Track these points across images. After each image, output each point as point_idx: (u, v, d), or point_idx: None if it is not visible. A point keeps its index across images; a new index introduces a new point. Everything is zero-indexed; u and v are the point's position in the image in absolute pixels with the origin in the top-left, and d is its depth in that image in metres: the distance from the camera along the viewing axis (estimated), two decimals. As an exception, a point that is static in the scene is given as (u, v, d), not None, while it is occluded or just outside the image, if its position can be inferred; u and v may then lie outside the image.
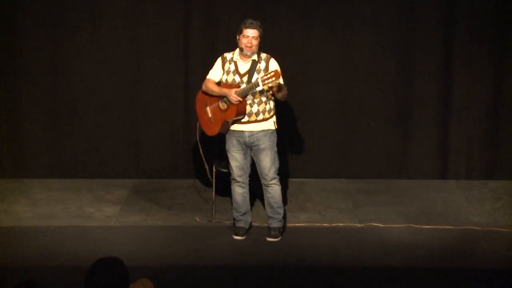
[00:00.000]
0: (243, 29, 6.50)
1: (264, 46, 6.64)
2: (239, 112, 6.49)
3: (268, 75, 6.27)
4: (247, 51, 6.49)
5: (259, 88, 6.38)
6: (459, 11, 8.00)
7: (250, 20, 6.51)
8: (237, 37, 6.54)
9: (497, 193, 7.93)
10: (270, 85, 6.31)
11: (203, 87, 6.67)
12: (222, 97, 6.53)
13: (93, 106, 8.16)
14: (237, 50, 6.58)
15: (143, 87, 8.16)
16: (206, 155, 7.07)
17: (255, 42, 6.48)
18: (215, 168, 7.16)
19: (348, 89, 8.19)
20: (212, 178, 7.14)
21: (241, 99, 6.43)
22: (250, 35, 6.47)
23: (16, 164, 8.22)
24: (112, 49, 8.07)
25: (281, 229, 6.78)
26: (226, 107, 6.51)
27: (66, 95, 8.14)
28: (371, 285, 5.95)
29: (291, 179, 8.16)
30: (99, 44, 8.05)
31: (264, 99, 6.54)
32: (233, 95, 6.41)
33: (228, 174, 6.79)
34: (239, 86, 6.48)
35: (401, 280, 5.98)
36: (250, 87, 6.39)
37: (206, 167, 7.05)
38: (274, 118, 6.64)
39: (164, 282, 5.80)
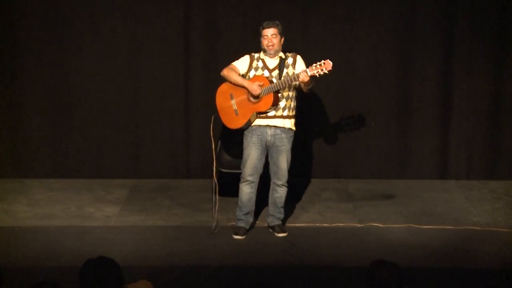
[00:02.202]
0: (261, 31, 6.65)
1: (264, 46, 6.66)
2: (274, 103, 6.55)
3: (319, 65, 6.43)
4: (270, 51, 6.61)
5: (298, 80, 6.46)
6: (459, 11, 8.00)
7: (266, 21, 6.66)
8: (260, 41, 6.66)
9: (497, 193, 7.93)
10: (318, 74, 6.44)
11: (225, 72, 6.69)
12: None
13: (93, 106, 8.16)
14: (262, 51, 6.69)
15: (143, 87, 8.15)
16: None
17: (275, 41, 6.61)
18: (216, 168, 7.16)
19: (348, 89, 8.19)
20: (215, 177, 7.12)
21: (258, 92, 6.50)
22: (269, 34, 6.60)
23: (16, 164, 8.22)
24: (112, 49, 8.08)
25: (283, 226, 6.86)
26: (258, 99, 6.56)
27: (66, 95, 8.14)
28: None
29: (291, 179, 8.15)
30: (99, 44, 8.05)
31: (291, 94, 6.63)
32: (254, 88, 6.47)
33: (230, 174, 6.80)
34: (267, 79, 6.55)
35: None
36: (287, 81, 6.47)
37: (215, 164, 7.03)
38: (294, 119, 6.71)
39: (164, 282, 5.80)
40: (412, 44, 8.10)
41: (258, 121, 6.64)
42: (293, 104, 6.69)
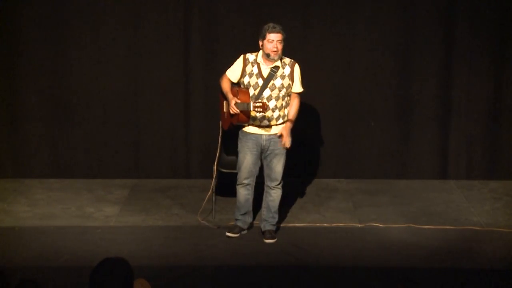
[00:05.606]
0: (267, 34, 6.39)
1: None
2: (241, 121, 6.48)
3: (259, 104, 6.31)
4: (274, 56, 6.40)
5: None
6: (459, 11, 8.00)
7: (272, 24, 6.42)
8: (260, 43, 6.46)
9: (497, 193, 7.93)
10: (259, 113, 6.40)
11: (220, 81, 6.62)
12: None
13: (93, 106, 8.16)
14: (260, 52, 6.51)
15: (143, 87, 8.16)
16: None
17: (280, 46, 6.40)
18: (216, 168, 7.16)
19: (348, 89, 8.19)
20: (213, 177, 7.12)
21: (238, 111, 6.40)
22: (274, 39, 6.37)
23: (16, 164, 8.22)
24: (112, 49, 8.07)
25: (275, 232, 6.78)
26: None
27: (66, 95, 8.14)
28: (371, 285, 5.96)
29: (291, 179, 8.15)
30: (99, 44, 8.05)
31: (284, 103, 6.54)
32: (232, 106, 6.40)
33: (230, 174, 6.79)
34: (248, 96, 6.44)
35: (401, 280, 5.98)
36: (246, 106, 6.37)
37: (216, 162, 7.03)
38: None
39: (164, 282, 5.80)
40: (412, 44, 8.10)
41: (252, 129, 6.56)
42: (287, 111, 6.59)
